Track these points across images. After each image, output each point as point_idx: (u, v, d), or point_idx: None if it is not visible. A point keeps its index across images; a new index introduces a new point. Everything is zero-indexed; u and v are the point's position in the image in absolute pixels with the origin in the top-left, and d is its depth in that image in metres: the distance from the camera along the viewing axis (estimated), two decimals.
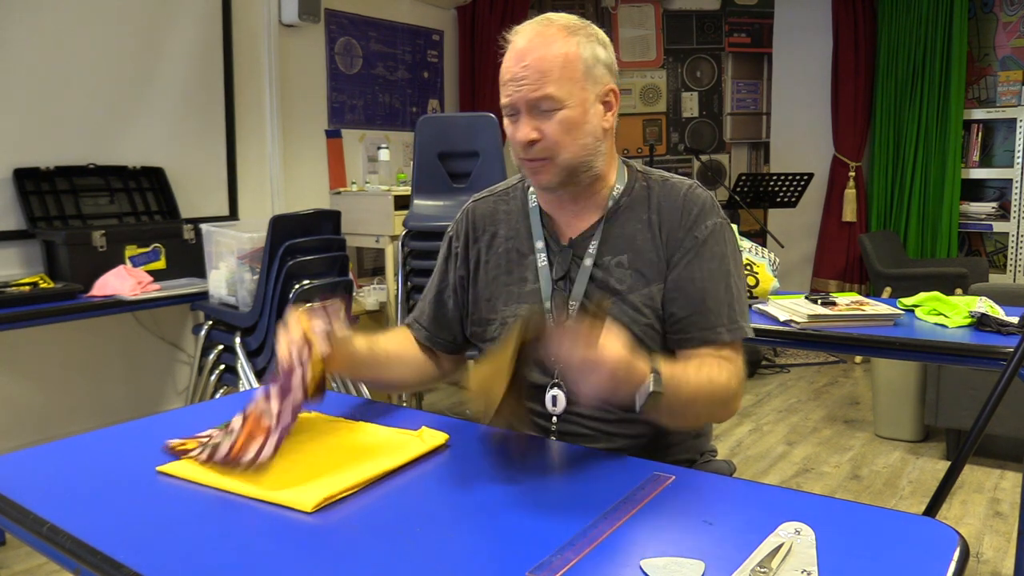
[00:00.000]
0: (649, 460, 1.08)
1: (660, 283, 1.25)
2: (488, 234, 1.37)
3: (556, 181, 1.25)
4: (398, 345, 1.42)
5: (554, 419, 1.27)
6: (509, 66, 1.23)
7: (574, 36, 1.23)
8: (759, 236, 4.80)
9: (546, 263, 1.30)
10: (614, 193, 1.30)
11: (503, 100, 1.25)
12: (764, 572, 0.77)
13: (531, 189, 1.37)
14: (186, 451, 1.11)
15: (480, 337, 1.37)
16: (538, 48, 1.21)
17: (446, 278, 1.42)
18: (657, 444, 1.28)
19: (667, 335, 1.26)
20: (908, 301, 2.14)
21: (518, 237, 1.35)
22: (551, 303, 1.28)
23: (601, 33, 1.27)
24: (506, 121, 1.27)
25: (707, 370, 1.18)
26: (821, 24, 5.19)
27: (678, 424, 1.23)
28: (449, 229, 1.44)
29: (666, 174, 1.34)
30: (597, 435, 1.24)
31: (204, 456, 1.07)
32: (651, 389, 1.04)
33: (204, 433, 1.17)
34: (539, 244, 1.32)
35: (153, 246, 3.07)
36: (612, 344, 1.01)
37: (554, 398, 1.26)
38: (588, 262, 1.27)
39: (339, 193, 4.14)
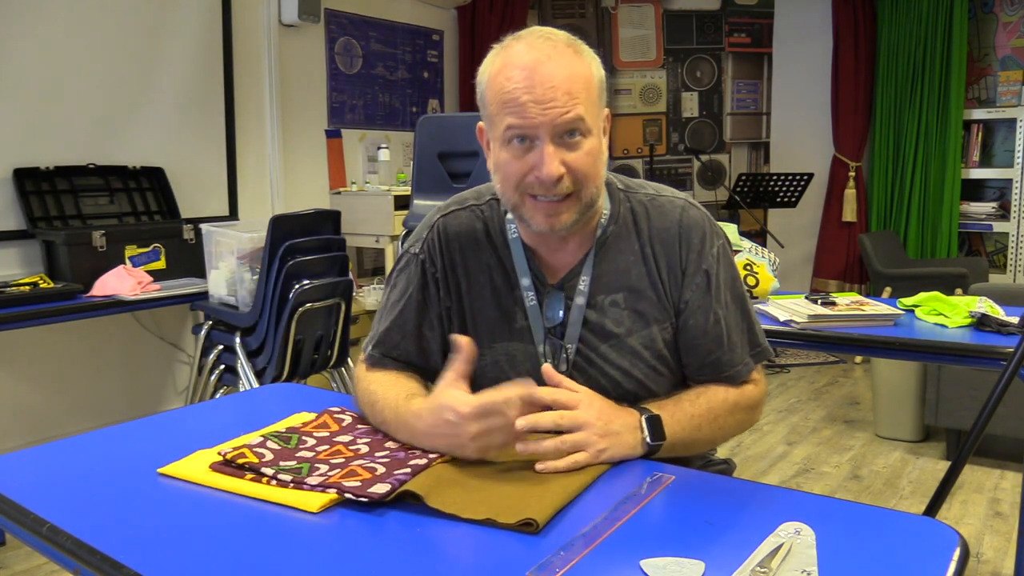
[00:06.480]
0: (649, 460, 1.08)
1: (665, 323, 1.17)
2: (466, 259, 1.20)
3: (574, 221, 1.10)
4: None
5: None
6: (524, 83, 1.02)
7: (581, 54, 1.07)
8: (759, 236, 4.80)
9: (535, 302, 1.17)
10: (602, 221, 1.17)
11: (511, 121, 1.04)
12: (764, 572, 0.77)
13: (509, 215, 1.18)
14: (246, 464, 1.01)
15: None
16: (559, 64, 1.03)
17: (426, 309, 1.21)
18: None
19: (686, 375, 1.21)
20: (908, 301, 2.14)
21: (501, 268, 1.19)
22: (544, 347, 1.17)
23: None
24: (502, 152, 1.07)
25: (704, 397, 1.15)
26: (821, 24, 5.18)
27: (699, 451, 1.19)
28: (415, 247, 1.23)
29: (649, 190, 1.20)
30: None
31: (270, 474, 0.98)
32: (648, 441, 1.06)
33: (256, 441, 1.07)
34: (525, 281, 1.17)
35: (153, 246, 3.07)
36: (588, 403, 1.04)
37: None
38: (580, 300, 1.16)
39: (339, 193, 4.14)
